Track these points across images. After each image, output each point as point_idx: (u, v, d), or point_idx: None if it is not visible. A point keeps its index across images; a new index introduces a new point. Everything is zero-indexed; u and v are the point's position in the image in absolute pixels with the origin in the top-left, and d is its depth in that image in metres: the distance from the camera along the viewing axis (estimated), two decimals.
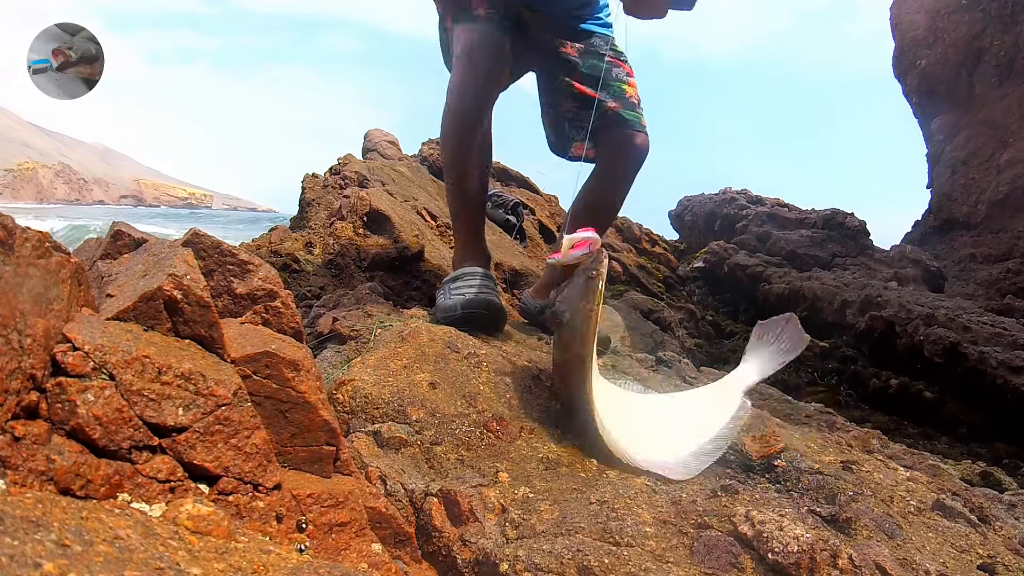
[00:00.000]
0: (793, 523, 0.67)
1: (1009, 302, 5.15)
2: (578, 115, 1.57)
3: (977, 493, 1.09)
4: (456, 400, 0.90)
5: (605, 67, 1.53)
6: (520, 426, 0.88)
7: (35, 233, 0.44)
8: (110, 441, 0.44)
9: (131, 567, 0.34)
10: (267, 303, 0.71)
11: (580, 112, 1.55)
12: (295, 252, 2.23)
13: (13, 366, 0.39)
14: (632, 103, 1.56)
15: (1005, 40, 6.95)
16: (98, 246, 0.72)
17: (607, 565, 0.61)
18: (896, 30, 8.82)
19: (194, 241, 0.69)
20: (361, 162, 3.07)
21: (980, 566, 0.76)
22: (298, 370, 0.60)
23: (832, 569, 0.63)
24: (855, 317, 4.44)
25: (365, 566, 0.57)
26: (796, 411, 1.86)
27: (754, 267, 5.58)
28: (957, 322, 3.78)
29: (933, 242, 7.43)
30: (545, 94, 1.67)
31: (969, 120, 7.53)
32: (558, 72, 1.58)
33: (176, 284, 0.54)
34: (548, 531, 0.68)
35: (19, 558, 0.29)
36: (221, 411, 0.50)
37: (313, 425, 0.61)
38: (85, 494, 0.42)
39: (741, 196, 7.58)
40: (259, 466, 0.52)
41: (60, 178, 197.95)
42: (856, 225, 6.59)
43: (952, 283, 6.19)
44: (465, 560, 0.67)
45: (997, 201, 6.76)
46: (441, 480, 0.77)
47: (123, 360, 0.46)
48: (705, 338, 4.34)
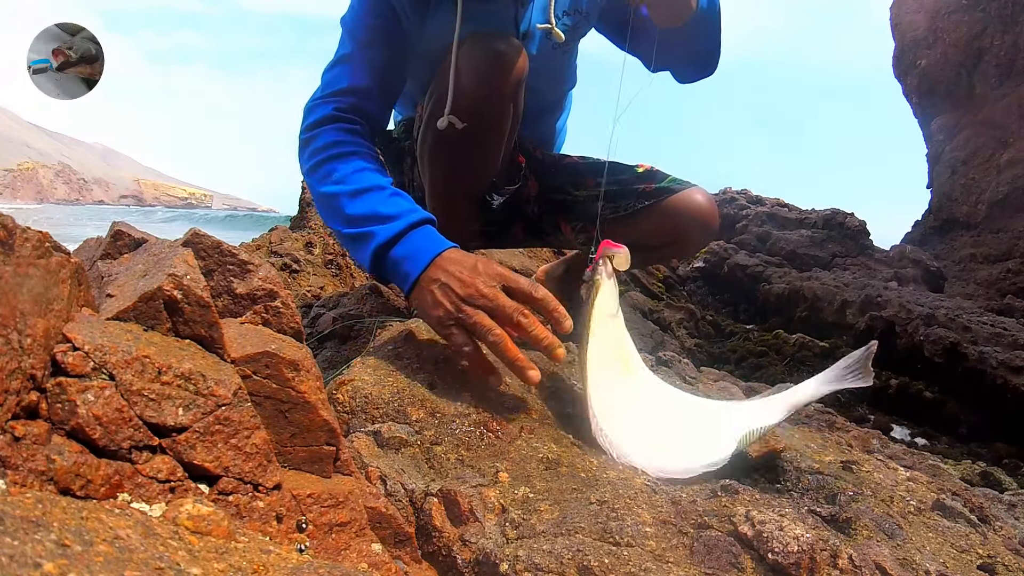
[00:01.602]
0: (793, 523, 0.67)
1: (1009, 302, 5.16)
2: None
3: (977, 493, 1.09)
4: (456, 400, 0.90)
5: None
6: (520, 426, 0.88)
7: (35, 233, 0.44)
8: (110, 441, 0.44)
9: (131, 567, 0.34)
10: (267, 303, 0.71)
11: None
12: (295, 252, 2.23)
13: (13, 366, 0.39)
14: (660, 172, 1.47)
15: (1005, 40, 6.96)
16: (98, 246, 0.72)
17: (607, 565, 0.61)
18: (896, 30, 8.83)
19: (194, 241, 0.69)
20: None
21: (980, 566, 0.76)
22: (298, 370, 0.60)
23: (832, 569, 0.63)
24: (855, 317, 4.44)
25: (365, 566, 0.57)
26: (796, 411, 1.86)
27: (754, 267, 5.59)
28: (957, 322, 3.79)
29: (933, 242, 7.43)
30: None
31: (969, 120, 7.53)
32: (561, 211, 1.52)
33: (176, 284, 0.54)
34: (548, 531, 0.68)
35: (19, 558, 0.29)
36: (221, 411, 0.50)
37: (313, 425, 0.61)
38: (85, 494, 0.42)
39: (741, 196, 7.59)
40: (259, 466, 0.52)
41: (60, 178, 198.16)
42: (856, 225, 6.59)
43: (952, 283, 6.20)
44: (465, 560, 0.67)
45: (997, 201, 6.76)
46: (441, 480, 0.77)
47: (123, 360, 0.46)
48: (705, 338, 4.34)
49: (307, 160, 1.14)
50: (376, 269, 1.02)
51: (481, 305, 0.88)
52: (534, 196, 1.53)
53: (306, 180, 1.18)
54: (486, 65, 1.19)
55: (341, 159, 1.09)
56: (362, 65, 1.19)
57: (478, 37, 1.19)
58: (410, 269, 0.96)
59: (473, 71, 1.19)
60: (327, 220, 1.14)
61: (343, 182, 1.06)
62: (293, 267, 2.15)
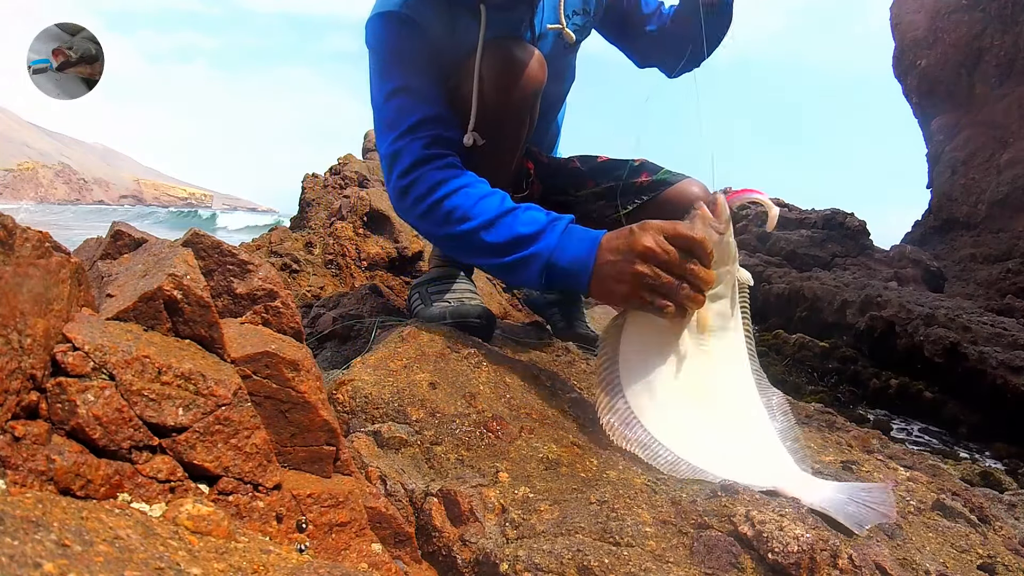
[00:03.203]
0: (793, 523, 0.67)
1: (1009, 302, 5.16)
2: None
3: (977, 493, 1.09)
4: (456, 400, 0.90)
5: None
6: (520, 426, 0.88)
7: (35, 233, 0.44)
8: (110, 441, 0.44)
9: (131, 567, 0.34)
10: (267, 303, 0.71)
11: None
12: (295, 252, 2.23)
13: (13, 366, 0.39)
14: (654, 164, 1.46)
15: (1005, 40, 6.96)
16: (98, 246, 0.72)
17: (607, 565, 0.61)
18: (896, 30, 8.83)
19: (194, 241, 0.69)
20: (361, 162, 3.07)
21: (980, 566, 0.76)
22: (298, 370, 0.60)
23: (832, 569, 0.63)
24: (855, 317, 4.45)
25: (365, 566, 0.57)
26: (796, 411, 1.86)
27: (754, 267, 5.59)
28: (957, 322, 3.79)
29: (933, 242, 7.44)
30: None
31: (969, 120, 7.53)
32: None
33: (176, 284, 0.54)
34: (548, 531, 0.68)
35: (19, 558, 0.29)
36: (221, 411, 0.50)
37: (313, 425, 0.61)
38: (85, 494, 0.42)
39: None
40: (259, 466, 0.52)
41: (60, 178, 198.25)
42: (856, 225, 6.60)
43: (952, 283, 6.20)
44: (465, 560, 0.67)
45: (997, 201, 6.76)
46: (441, 480, 0.77)
47: (123, 360, 0.46)
48: None
49: (414, 206, 1.11)
50: (547, 285, 1.02)
51: (654, 262, 0.89)
52: (537, 198, 1.53)
53: (418, 226, 1.15)
54: (506, 77, 1.18)
55: (456, 195, 1.07)
56: (423, 93, 1.16)
57: (496, 45, 1.18)
58: (580, 270, 0.97)
59: (492, 81, 1.18)
60: (466, 258, 1.12)
61: (471, 218, 1.05)
62: (293, 267, 2.15)
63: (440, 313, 1.20)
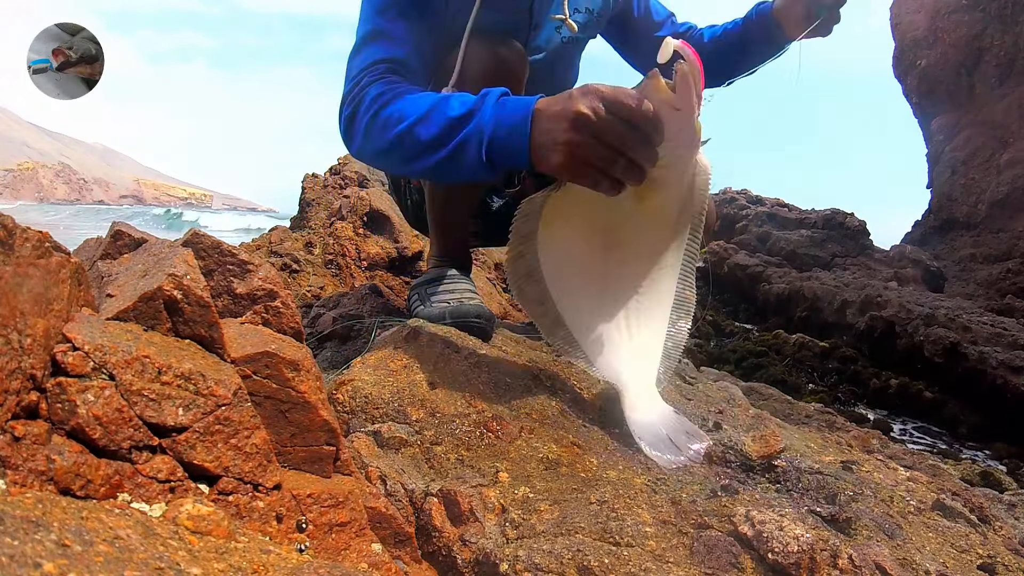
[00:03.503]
0: (793, 523, 0.67)
1: (1009, 302, 5.15)
2: None
3: (977, 493, 1.09)
4: (456, 400, 0.90)
5: None
6: (520, 426, 0.88)
7: (35, 233, 0.44)
8: (110, 441, 0.44)
9: (131, 567, 0.34)
10: (267, 303, 0.71)
11: None
12: (295, 252, 2.23)
13: (13, 366, 0.39)
14: None
15: (1005, 40, 6.95)
16: (98, 246, 0.72)
17: (607, 565, 0.61)
18: (896, 30, 8.82)
19: (194, 241, 0.69)
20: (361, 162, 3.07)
21: (980, 566, 0.76)
22: (298, 370, 0.60)
23: (832, 569, 0.63)
24: (855, 317, 4.44)
25: (365, 566, 0.57)
26: (796, 411, 1.86)
27: (754, 267, 5.59)
28: (957, 322, 3.79)
29: (933, 242, 7.43)
30: None
31: (969, 120, 7.53)
32: None
33: (176, 284, 0.54)
34: (548, 531, 0.68)
35: (19, 558, 0.29)
36: (221, 411, 0.50)
37: (313, 425, 0.61)
38: (85, 494, 0.42)
39: (741, 196, 7.59)
40: (259, 466, 0.52)
41: (60, 178, 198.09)
42: (856, 225, 6.60)
43: (952, 283, 6.19)
44: (465, 560, 0.67)
45: (997, 201, 6.76)
46: (441, 480, 0.77)
47: (123, 360, 0.46)
48: (705, 338, 4.34)
49: (357, 131, 1.04)
50: (494, 169, 0.94)
51: (588, 130, 0.81)
52: (530, 194, 1.54)
53: (364, 149, 1.06)
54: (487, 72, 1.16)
55: (392, 103, 0.99)
56: (395, 39, 1.10)
57: (481, 43, 1.17)
58: (518, 140, 0.89)
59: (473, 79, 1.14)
60: (410, 168, 1.03)
61: (406, 118, 0.97)
62: (293, 267, 2.15)
63: (440, 313, 1.20)
